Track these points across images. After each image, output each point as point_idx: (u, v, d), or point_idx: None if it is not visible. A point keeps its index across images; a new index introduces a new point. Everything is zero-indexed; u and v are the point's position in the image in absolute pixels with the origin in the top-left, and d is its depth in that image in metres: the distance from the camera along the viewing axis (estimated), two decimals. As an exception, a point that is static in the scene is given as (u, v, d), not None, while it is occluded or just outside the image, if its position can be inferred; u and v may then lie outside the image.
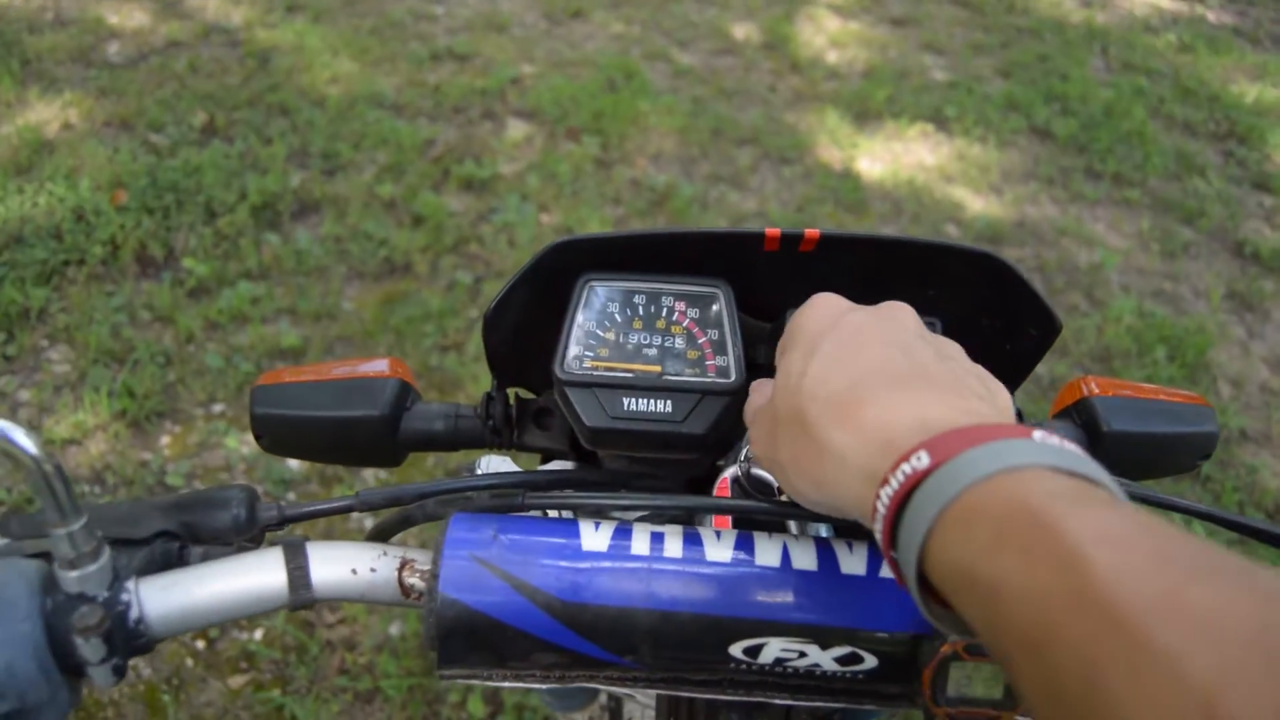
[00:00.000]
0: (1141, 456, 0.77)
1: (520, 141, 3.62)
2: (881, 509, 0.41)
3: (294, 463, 2.34)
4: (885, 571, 0.51)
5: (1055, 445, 0.38)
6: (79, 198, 2.93)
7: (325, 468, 2.33)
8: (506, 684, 0.52)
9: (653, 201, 3.38)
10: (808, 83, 4.30)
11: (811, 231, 0.62)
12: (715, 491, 0.63)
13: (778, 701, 0.53)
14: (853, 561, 0.52)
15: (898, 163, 3.80)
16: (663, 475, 0.70)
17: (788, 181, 3.60)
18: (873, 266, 0.67)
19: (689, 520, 0.64)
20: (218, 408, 2.46)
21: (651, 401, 0.63)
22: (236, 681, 1.91)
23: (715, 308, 0.65)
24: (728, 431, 0.64)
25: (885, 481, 0.41)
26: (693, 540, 0.52)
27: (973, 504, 0.37)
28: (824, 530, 0.63)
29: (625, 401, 0.63)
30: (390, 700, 1.89)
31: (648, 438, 0.64)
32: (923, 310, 0.66)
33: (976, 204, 3.63)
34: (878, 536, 0.42)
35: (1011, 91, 4.40)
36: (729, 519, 0.61)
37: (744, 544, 0.52)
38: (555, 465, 0.75)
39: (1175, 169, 4.08)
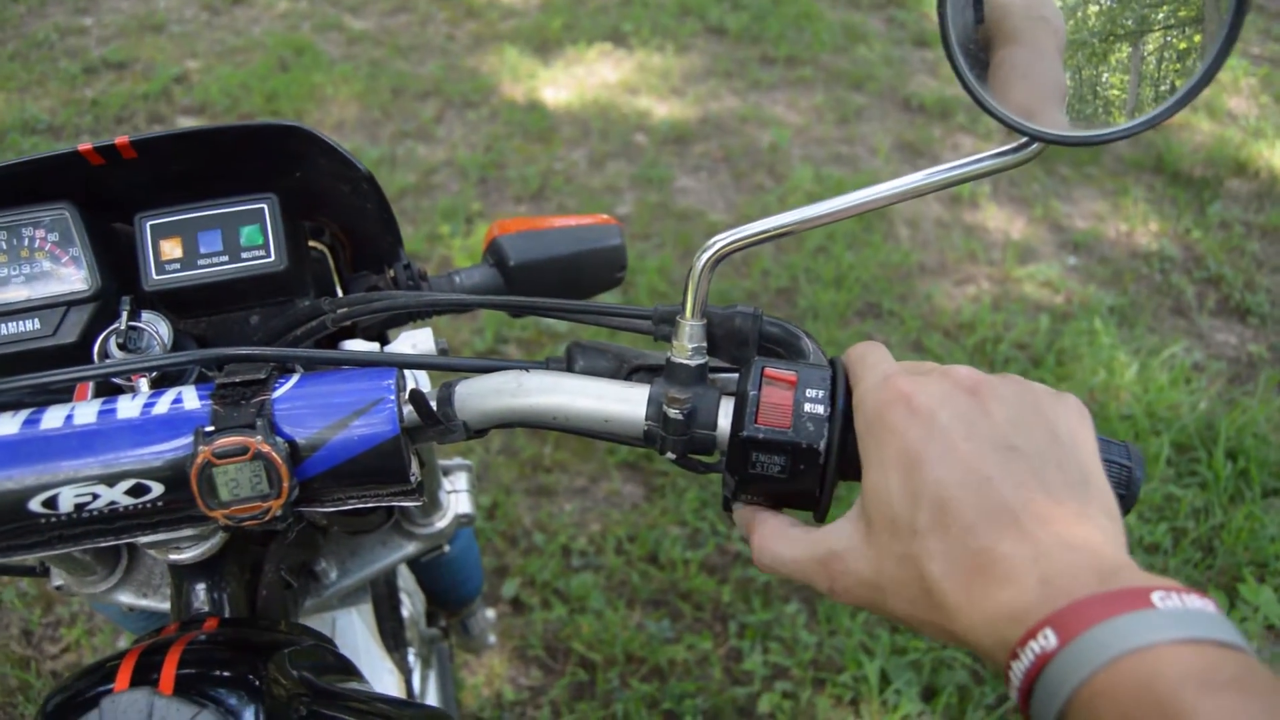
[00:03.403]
0: (555, 280, 0.85)
1: (192, 138, 3.48)
2: (1016, 680, 0.40)
3: None
4: (160, 408, 0.56)
5: (1178, 610, 0.38)
6: None
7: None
8: None
9: (339, 170, 3.33)
10: (485, 25, 4.30)
11: (122, 139, 0.66)
12: (77, 391, 0.66)
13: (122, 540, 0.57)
14: (131, 408, 0.56)
15: (581, 85, 3.87)
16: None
17: (474, 124, 3.62)
18: (212, 160, 0.71)
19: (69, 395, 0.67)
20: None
21: (20, 323, 0.67)
22: (-51, 743, 1.82)
23: (67, 227, 0.69)
24: (96, 335, 0.68)
25: (1015, 655, 0.40)
26: None
27: (1102, 688, 0.37)
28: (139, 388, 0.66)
29: None
30: (113, 716, 1.84)
31: (27, 356, 0.67)
32: (279, 189, 0.71)
33: (661, 109, 3.75)
34: (1013, 695, 0.42)
35: (684, -2, 4.54)
36: (88, 388, 0.64)
37: (35, 417, 0.56)
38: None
39: (843, 42, 4.32)
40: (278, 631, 0.72)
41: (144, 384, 0.63)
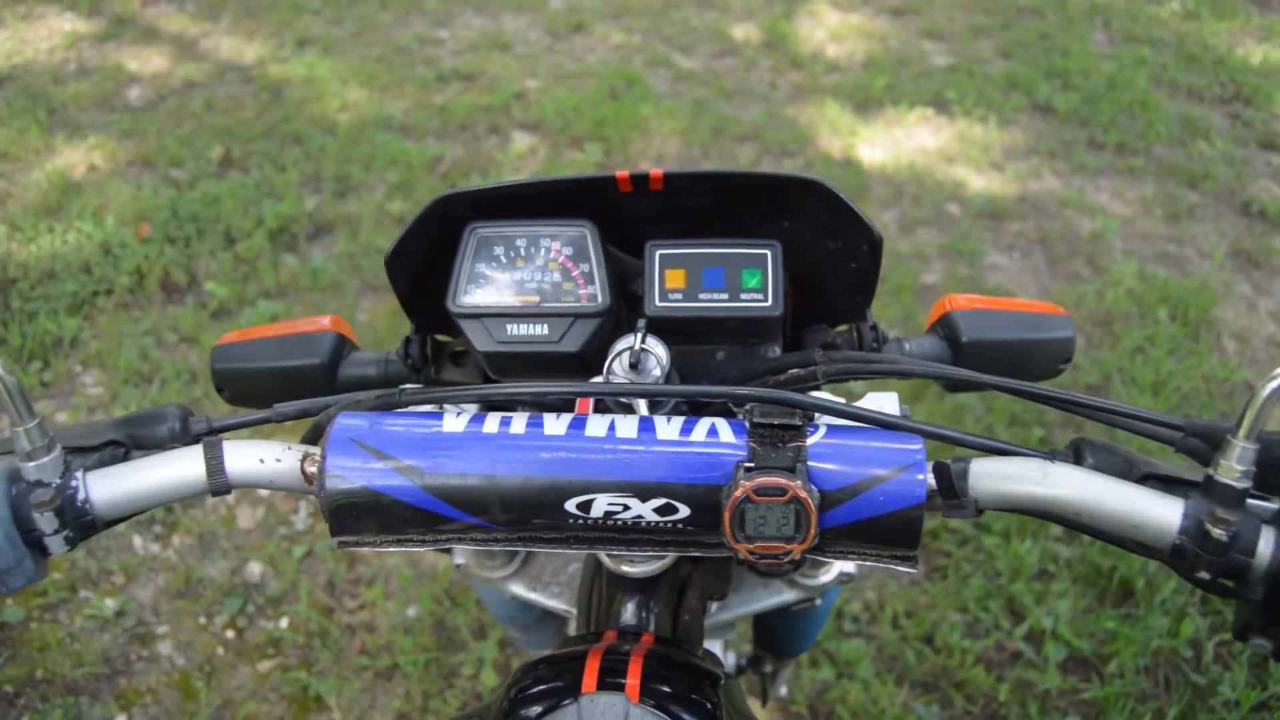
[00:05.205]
0: (1002, 362, 0.85)
1: (525, 152, 3.73)
2: None
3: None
4: (696, 435, 0.59)
5: None
6: (105, 233, 3.08)
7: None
8: (393, 549, 0.61)
9: (655, 200, 3.47)
10: (808, 77, 4.37)
11: (655, 171, 0.72)
12: (578, 402, 0.71)
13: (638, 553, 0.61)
14: (668, 430, 0.59)
15: (898, 148, 3.85)
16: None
17: (788, 172, 3.67)
18: (722, 201, 0.75)
19: (570, 408, 0.73)
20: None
21: (531, 326, 0.73)
22: (265, 666, 2.02)
23: (584, 244, 0.75)
24: (600, 349, 0.73)
25: None
26: (535, 422, 0.60)
27: None
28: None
29: (509, 328, 0.74)
30: (408, 675, 1.98)
31: (530, 358, 0.74)
32: (771, 235, 0.75)
33: (978, 182, 3.67)
34: None
35: (1012, 71, 4.43)
36: (589, 403, 0.69)
37: (578, 423, 0.60)
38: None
39: (1179, 135, 4.08)
40: (701, 658, 0.74)
41: (643, 405, 0.68)
